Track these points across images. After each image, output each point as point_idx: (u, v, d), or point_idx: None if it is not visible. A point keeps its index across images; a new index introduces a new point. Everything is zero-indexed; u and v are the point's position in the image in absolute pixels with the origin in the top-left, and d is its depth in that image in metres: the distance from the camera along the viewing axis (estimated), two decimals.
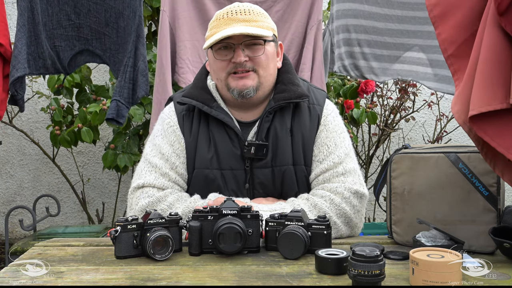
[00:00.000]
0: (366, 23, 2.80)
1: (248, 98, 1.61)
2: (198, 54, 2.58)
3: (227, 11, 1.61)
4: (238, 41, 1.57)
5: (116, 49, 2.64)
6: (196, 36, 2.57)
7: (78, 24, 2.62)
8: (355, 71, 2.85)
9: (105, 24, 2.61)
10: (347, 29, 2.79)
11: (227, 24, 1.58)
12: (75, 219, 4.10)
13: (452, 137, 3.94)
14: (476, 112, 1.17)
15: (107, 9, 2.59)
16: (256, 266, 1.28)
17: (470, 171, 1.41)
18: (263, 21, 1.62)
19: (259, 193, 1.63)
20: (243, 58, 1.57)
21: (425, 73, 2.87)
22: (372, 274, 1.08)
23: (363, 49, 2.82)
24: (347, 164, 1.63)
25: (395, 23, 2.85)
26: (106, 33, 2.62)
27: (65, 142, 3.21)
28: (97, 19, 2.60)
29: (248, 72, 1.59)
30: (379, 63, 2.87)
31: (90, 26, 2.61)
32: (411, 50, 2.87)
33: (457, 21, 1.28)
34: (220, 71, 1.61)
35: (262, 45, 1.60)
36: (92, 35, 2.63)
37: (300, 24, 2.63)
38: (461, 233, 1.38)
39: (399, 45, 2.86)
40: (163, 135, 1.68)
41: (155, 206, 1.56)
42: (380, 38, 2.84)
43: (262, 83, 1.62)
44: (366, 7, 2.80)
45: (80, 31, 2.63)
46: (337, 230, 1.55)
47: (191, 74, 2.53)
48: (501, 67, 1.17)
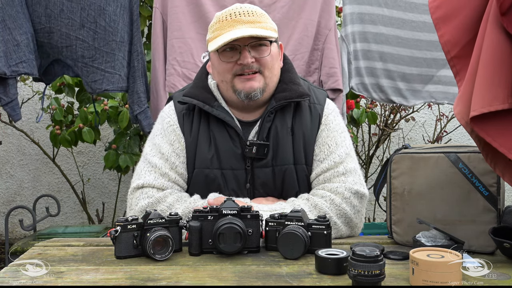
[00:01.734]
0: (387, 31, 2.33)
1: (255, 100, 1.61)
2: (191, 54, 2.40)
3: (229, 13, 1.60)
4: (244, 43, 1.57)
5: (90, 55, 2.31)
6: (189, 33, 2.40)
7: (48, 29, 2.28)
8: (379, 93, 2.37)
9: (80, 26, 2.27)
10: (365, 38, 2.33)
11: (231, 26, 1.57)
12: (75, 219, 4.10)
13: (452, 137, 3.94)
14: (477, 113, 1.17)
15: (84, 7, 2.26)
16: (256, 266, 1.28)
17: (470, 171, 1.41)
18: (266, 22, 1.62)
19: (260, 193, 1.63)
20: (250, 60, 1.57)
21: None
22: (372, 274, 1.08)
23: (387, 65, 2.35)
24: (348, 163, 1.63)
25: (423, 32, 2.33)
26: (79, 37, 2.29)
27: (66, 142, 3.22)
28: (70, 21, 2.27)
29: (255, 74, 1.59)
30: (407, 83, 2.39)
31: (61, 31, 2.28)
32: (445, 68, 2.35)
33: (460, 22, 1.28)
34: (225, 73, 1.61)
35: (268, 46, 1.60)
36: (62, 41, 2.29)
37: (310, 23, 2.42)
38: (461, 233, 1.38)
39: (431, 61, 2.36)
40: (162, 134, 1.67)
41: (155, 207, 1.55)
42: (406, 51, 2.35)
43: (268, 84, 1.62)
44: (385, 11, 2.33)
45: (51, 37, 2.30)
46: (337, 230, 1.55)
47: (178, 76, 2.37)
48: (503, 68, 1.17)
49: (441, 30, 1.30)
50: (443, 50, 1.31)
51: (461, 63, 1.29)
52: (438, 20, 1.31)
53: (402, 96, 2.42)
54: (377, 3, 2.36)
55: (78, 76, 2.41)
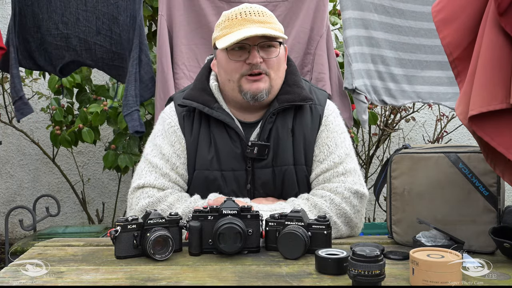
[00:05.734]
0: (376, 34, 2.47)
1: (261, 101, 1.61)
2: (196, 59, 2.53)
3: (240, 12, 1.60)
4: (254, 42, 1.56)
5: (109, 57, 2.50)
6: (194, 40, 2.52)
7: (66, 35, 2.47)
8: (374, 95, 2.47)
9: (96, 33, 2.44)
10: (358, 42, 2.44)
11: (241, 24, 1.57)
12: (75, 219, 4.10)
13: (452, 137, 3.94)
14: (476, 112, 1.17)
15: (98, 16, 2.43)
16: (256, 266, 1.28)
17: (470, 171, 1.41)
18: (276, 23, 1.62)
19: (260, 193, 1.63)
20: (259, 59, 1.57)
21: (446, 93, 2.57)
22: (372, 274, 1.08)
23: (377, 66, 2.47)
24: (348, 164, 1.63)
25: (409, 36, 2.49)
26: (97, 42, 2.46)
27: (66, 142, 3.22)
28: (86, 28, 2.44)
29: (261, 75, 1.59)
30: (396, 84, 2.51)
31: (79, 37, 2.45)
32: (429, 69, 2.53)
33: (461, 24, 1.28)
34: (233, 72, 1.60)
35: (277, 48, 1.60)
36: (81, 46, 2.47)
37: (303, 30, 2.54)
38: (461, 233, 1.38)
39: (416, 63, 2.51)
40: (163, 135, 1.67)
41: (155, 206, 1.55)
42: (393, 53, 2.49)
43: (273, 86, 1.62)
44: (375, 16, 2.47)
45: (69, 42, 2.47)
46: (337, 230, 1.55)
47: (186, 79, 2.49)
48: (501, 67, 1.17)
49: (442, 32, 1.31)
50: (445, 52, 1.31)
51: (462, 64, 1.29)
52: (440, 22, 1.31)
53: (392, 96, 2.52)
54: (369, 9, 2.49)
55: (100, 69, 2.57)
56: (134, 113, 2.46)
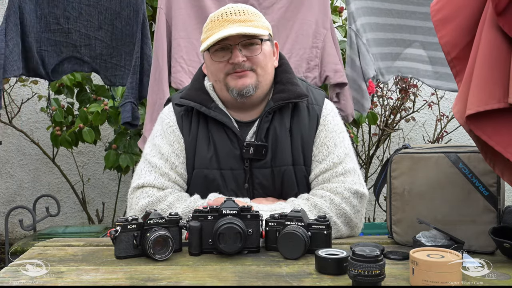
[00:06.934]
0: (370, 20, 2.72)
1: (248, 96, 1.61)
2: (196, 53, 2.52)
3: (221, 13, 1.61)
4: (235, 42, 1.57)
5: (109, 53, 2.54)
6: (194, 35, 2.51)
7: (67, 29, 2.51)
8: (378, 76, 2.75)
9: (98, 28, 2.50)
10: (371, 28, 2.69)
11: (222, 25, 1.57)
12: (75, 219, 4.10)
13: (452, 137, 3.94)
14: (473, 111, 1.18)
15: (101, 11, 2.49)
16: (256, 266, 1.28)
17: (470, 171, 1.41)
18: (258, 20, 1.62)
19: (259, 193, 1.63)
20: (241, 58, 1.57)
21: (426, 70, 2.81)
22: (372, 274, 1.08)
23: (372, 48, 2.72)
24: (347, 164, 1.63)
25: (395, 17, 2.77)
26: (98, 37, 2.52)
27: (66, 142, 3.21)
28: (88, 23, 2.49)
29: (246, 71, 1.59)
30: (383, 62, 2.78)
31: (80, 31, 2.50)
32: (411, 47, 2.81)
33: (460, 24, 1.29)
34: (218, 72, 1.61)
35: (259, 45, 1.60)
36: (81, 41, 2.51)
37: (306, 22, 2.57)
38: (461, 233, 1.38)
39: (400, 41, 2.79)
40: (162, 135, 1.68)
41: (155, 206, 1.55)
42: (382, 34, 2.76)
43: (261, 82, 1.62)
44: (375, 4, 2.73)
45: (69, 37, 2.51)
46: (337, 230, 1.55)
47: (184, 73, 2.49)
48: (499, 67, 1.17)
49: (440, 32, 1.31)
50: (443, 52, 1.31)
51: (461, 64, 1.29)
52: (438, 22, 1.32)
53: (381, 73, 2.78)
54: None
55: (95, 71, 2.60)
56: (127, 104, 2.50)
